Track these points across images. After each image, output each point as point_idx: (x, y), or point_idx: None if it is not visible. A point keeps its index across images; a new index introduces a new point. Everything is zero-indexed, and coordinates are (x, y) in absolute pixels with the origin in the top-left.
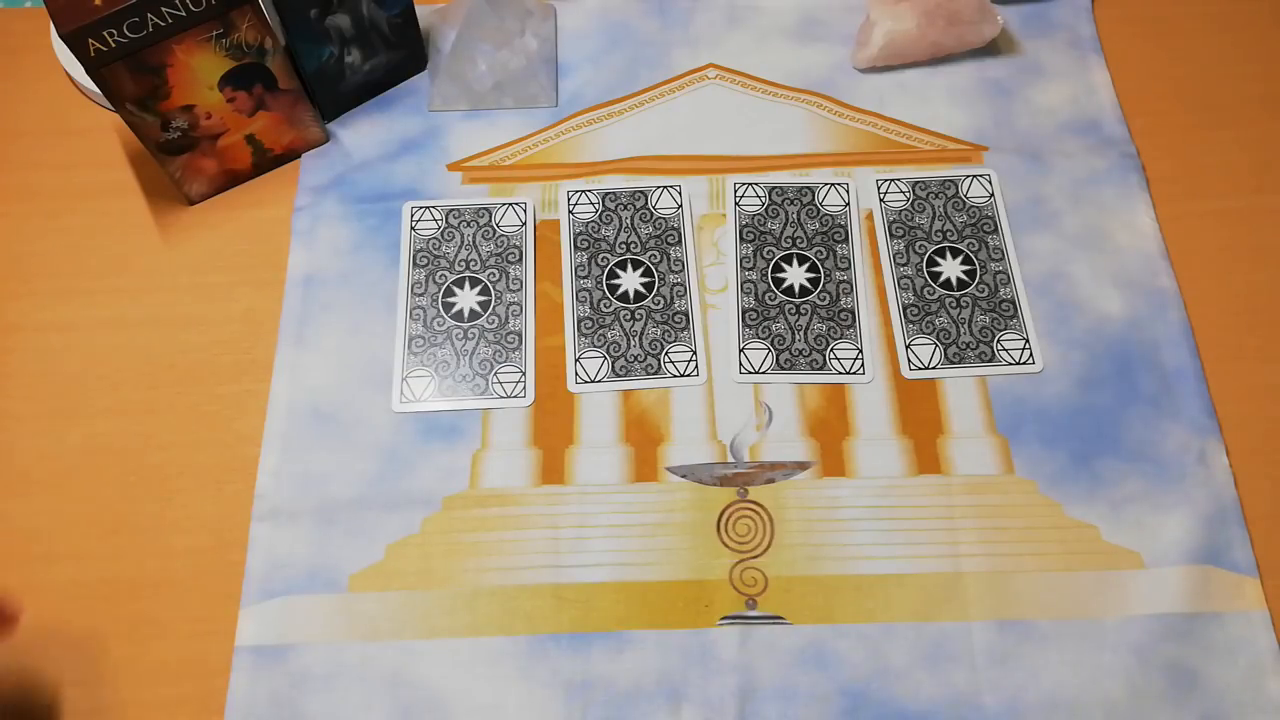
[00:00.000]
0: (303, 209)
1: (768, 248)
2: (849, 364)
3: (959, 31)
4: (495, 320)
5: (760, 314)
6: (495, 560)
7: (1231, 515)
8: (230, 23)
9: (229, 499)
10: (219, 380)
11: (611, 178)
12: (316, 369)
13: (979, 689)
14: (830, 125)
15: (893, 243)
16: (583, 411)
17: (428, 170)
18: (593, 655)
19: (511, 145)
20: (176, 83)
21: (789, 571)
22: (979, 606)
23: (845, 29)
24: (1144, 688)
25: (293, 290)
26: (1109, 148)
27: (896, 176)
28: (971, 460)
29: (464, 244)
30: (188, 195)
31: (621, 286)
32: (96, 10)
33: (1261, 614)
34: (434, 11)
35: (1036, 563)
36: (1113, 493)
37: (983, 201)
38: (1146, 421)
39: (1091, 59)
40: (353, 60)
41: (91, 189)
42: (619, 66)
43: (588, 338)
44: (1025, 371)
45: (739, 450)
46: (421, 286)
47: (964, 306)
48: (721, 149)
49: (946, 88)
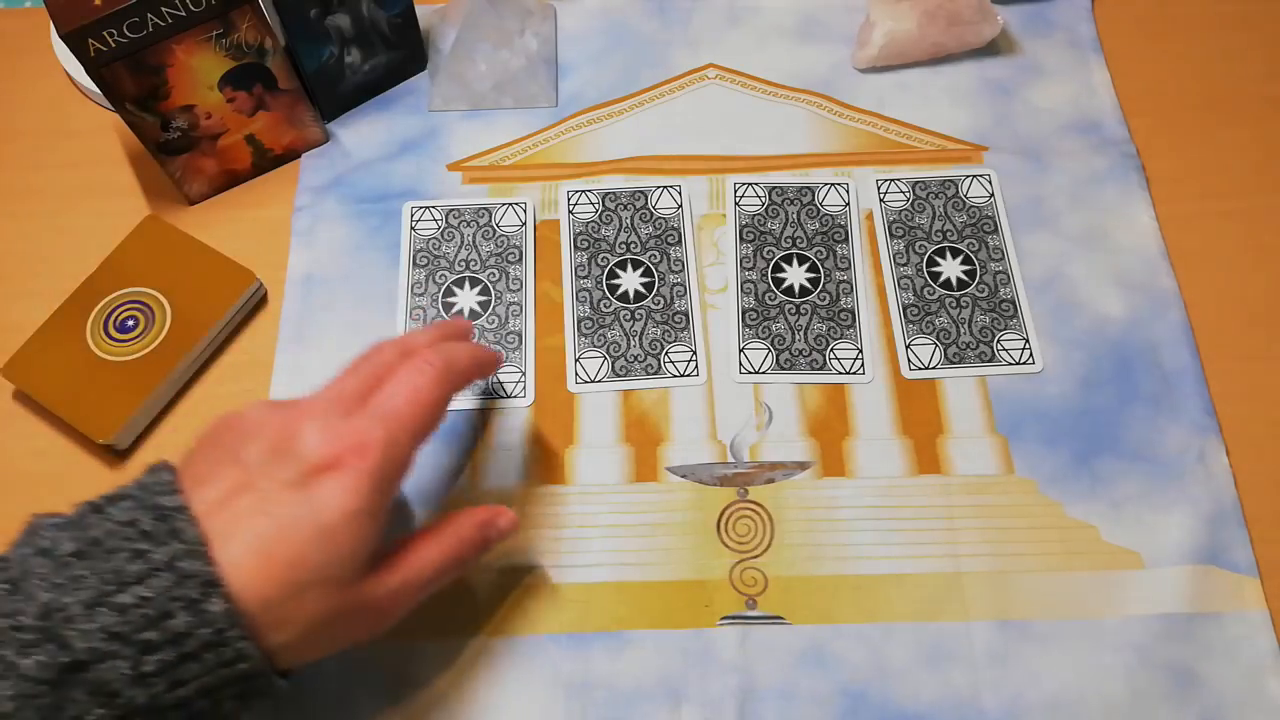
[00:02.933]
0: (303, 209)
1: (768, 248)
2: (849, 364)
3: (959, 31)
4: (495, 320)
5: (760, 314)
6: (495, 560)
7: (1231, 515)
8: (230, 23)
9: None
10: (219, 380)
11: (611, 178)
12: (316, 369)
13: (979, 689)
14: (830, 125)
15: (893, 243)
16: (582, 411)
17: (428, 170)
18: (593, 655)
19: (511, 145)
20: (176, 83)
21: (789, 571)
22: (979, 606)
23: (845, 29)
24: (1144, 688)
25: (293, 290)
26: (1109, 148)
27: (896, 176)
28: (971, 460)
29: (464, 244)
30: (188, 195)
31: (621, 286)
32: (96, 10)
33: (1261, 614)
34: (434, 11)
35: (1036, 563)
36: (1113, 492)
37: (983, 201)
38: (1146, 421)
39: (1091, 59)
40: (353, 60)
41: (91, 189)
42: (619, 66)
43: (588, 338)
44: (1025, 371)
45: (739, 450)
46: (421, 286)
47: (964, 306)
48: (721, 149)
49: (946, 88)
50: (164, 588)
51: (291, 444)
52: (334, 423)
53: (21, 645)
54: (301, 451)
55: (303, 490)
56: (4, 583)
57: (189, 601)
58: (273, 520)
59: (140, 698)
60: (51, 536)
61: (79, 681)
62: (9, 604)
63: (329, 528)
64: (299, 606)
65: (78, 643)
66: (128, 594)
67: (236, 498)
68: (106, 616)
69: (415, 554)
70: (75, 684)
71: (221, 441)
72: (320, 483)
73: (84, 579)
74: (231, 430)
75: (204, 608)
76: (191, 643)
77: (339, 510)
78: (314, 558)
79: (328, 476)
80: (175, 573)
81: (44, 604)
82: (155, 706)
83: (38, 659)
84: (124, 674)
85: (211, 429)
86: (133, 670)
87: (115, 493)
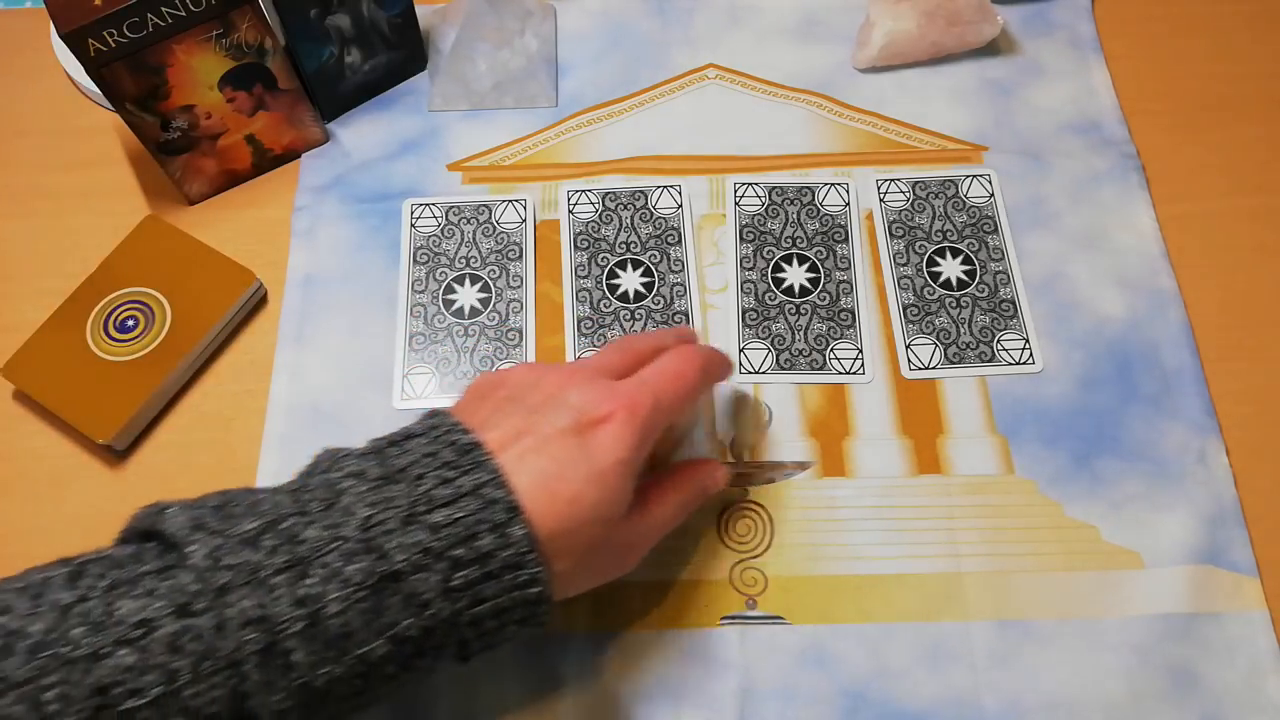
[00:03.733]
0: (303, 209)
1: (768, 248)
2: (849, 364)
3: (959, 31)
4: (496, 317)
5: (760, 314)
6: None
7: (1231, 515)
8: (230, 23)
9: None
10: (219, 380)
11: (611, 177)
12: (316, 369)
13: (979, 689)
14: (830, 125)
15: (893, 242)
16: None
17: (428, 170)
18: (593, 655)
19: (511, 145)
20: (176, 83)
21: (789, 571)
22: (979, 606)
23: (845, 29)
24: (1144, 688)
25: (292, 290)
26: (1109, 148)
27: (896, 176)
28: (971, 460)
29: (464, 241)
30: (188, 195)
31: (621, 286)
32: (96, 10)
33: (1261, 614)
34: (434, 11)
35: (1036, 563)
36: (1113, 492)
37: (983, 201)
38: (1146, 421)
39: (1091, 59)
40: (353, 60)
41: (91, 189)
42: (619, 66)
43: (588, 338)
44: (1025, 371)
45: (739, 450)
46: (422, 284)
47: (964, 306)
48: (721, 149)
49: (946, 88)
50: (471, 510)
51: (566, 397)
52: (607, 383)
53: (346, 554)
54: (579, 404)
55: (579, 437)
56: (319, 500)
57: (494, 524)
58: (553, 460)
59: (445, 611)
60: (358, 463)
61: (395, 591)
62: (330, 517)
63: (602, 471)
64: (576, 540)
65: (396, 555)
66: (438, 514)
67: (518, 439)
68: (420, 533)
69: (660, 499)
70: (392, 593)
71: (491, 394)
72: (595, 433)
73: (396, 500)
74: (502, 385)
75: (508, 530)
76: (494, 563)
77: (612, 456)
78: (590, 496)
79: (602, 427)
80: (480, 498)
81: (364, 519)
82: (455, 622)
83: (360, 566)
84: (434, 587)
85: (479, 384)
86: (443, 584)
87: (402, 432)
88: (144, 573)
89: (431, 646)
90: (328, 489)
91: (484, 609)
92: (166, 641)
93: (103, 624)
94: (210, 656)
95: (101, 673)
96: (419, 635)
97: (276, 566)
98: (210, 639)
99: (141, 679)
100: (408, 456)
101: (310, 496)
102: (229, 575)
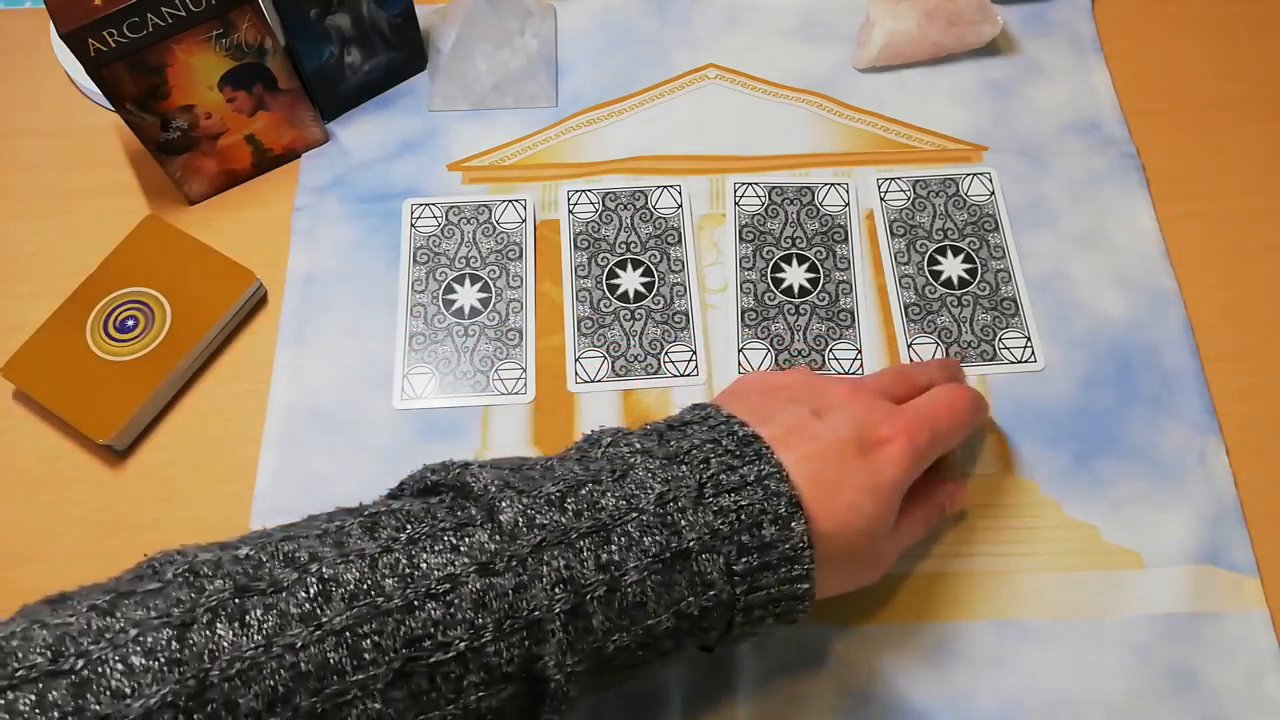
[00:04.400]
0: (303, 209)
1: (767, 248)
2: (848, 364)
3: (959, 31)
4: (496, 317)
5: (760, 314)
6: None
7: (1231, 515)
8: (230, 23)
9: (228, 499)
10: (218, 380)
11: (611, 177)
12: (316, 369)
13: (978, 689)
14: (830, 125)
15: (894, 241)
16: (583, 411)
17: (428, 170)
18: None
19: (511, 145)
20: (176, 83)
21: None
22: (979, 606)
23: (845, 29)
24: (1144, 688)
25: (292, 290)
26: (1109, 148)
27: (897, 175)
28: (971, 460)
29: (464, 241)
30: (188, 195)
31: (621, 286)
32: (96, 10)
33: (1261, 614)
34: (434, 11)
35: (1036, 563)
36: (1113, 492)
37: (983, 199)
38: (1147, 421)
39: (1091, 59)
40: (353, 60)
41: (91, 189)
42: (619, 66)
43: (588, 337)
44: (1027, 370)
45: None
46: (422, 283)
47: (965, 305)
48: (721, 149)
49: (946, 88)
50: (755, 500)
51: (853, 411)
52: (890, 406)
53: (643, 526)
54: (865, 420)
55: (860, 450)
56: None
57: (777, 516)
58: (833, 467)
59: (725, 594)
60: (642, 442)
61: (684, 568)
62: (623, 489)
63: (880, 487)
64: (843, 545)
65: (688, 533)
66: (725, 499)
67: (800, 441)
68: (710, 515)
69: (909, 517)
70: (681, 570)
71: (760, 393)
72: (878, 451)
73: (684, 479)
74: (774, 386)
75: (790, 525)
76: (773, 554)
77: (890, 476)
78: (866, 507)
79: (884, 448)
80: (764, 489)
81: (659, 494)
82: (732, 606)
83: (656, 539)
84: (720, 569)
85: (747, 383)
86: (727, 567)
87: (674, 419)
88: (441, 528)
89: (703, 628)
90: (617, 461)
91: (757, 597)
92: (473, 598)
93: (411, 577)
94: (512, 615)
95: (413, 624)
96: (698, 614)
97: (581, 530)
98: (513, 598)
99: (449, 633)
100: (689, 441)
101: (599, 467)
102: (541, 534)
